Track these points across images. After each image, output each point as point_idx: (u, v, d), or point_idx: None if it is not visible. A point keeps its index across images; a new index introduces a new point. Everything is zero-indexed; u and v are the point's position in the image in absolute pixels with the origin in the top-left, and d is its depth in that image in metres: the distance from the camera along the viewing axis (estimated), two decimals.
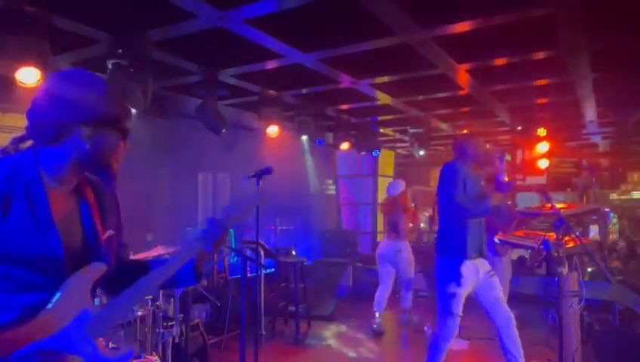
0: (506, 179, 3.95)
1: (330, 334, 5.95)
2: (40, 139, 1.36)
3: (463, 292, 3.65)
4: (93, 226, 1.44)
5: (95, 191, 1.49)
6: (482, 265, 3.74)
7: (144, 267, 1.54)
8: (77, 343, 1.28)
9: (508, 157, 4.59)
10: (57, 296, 1.30)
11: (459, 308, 3.64)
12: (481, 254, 3.76)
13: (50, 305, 1.29)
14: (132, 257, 3.73)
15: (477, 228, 3.74)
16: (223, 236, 1.50)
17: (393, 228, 6.10)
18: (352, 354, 5.23)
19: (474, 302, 3.79)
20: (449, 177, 3.70)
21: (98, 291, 1.53)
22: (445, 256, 3.73)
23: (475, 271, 3.66)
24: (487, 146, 3.89)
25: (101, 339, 1.35)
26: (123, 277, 1.47)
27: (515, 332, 3.63)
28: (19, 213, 1.27)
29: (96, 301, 1.45)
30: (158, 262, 1.57)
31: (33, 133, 1.36)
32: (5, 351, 1.21)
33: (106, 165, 1.40)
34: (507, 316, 3.65)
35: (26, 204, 1.28)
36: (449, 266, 3.66)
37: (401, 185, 6.35)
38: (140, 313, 3.44)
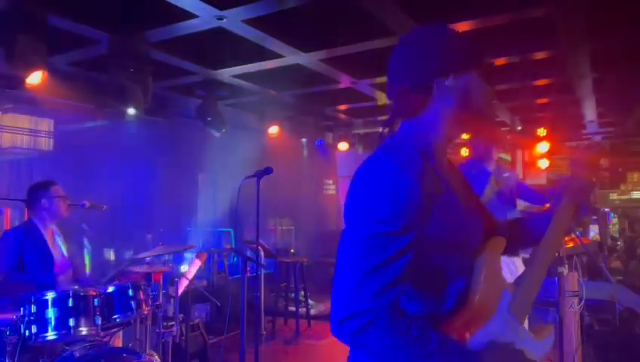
0: None
1: (330, 334, 5.94)
2: (405, 113, 1.20)
3: None
4: (477, 197, 1.33)
5: None
6: None
7: (518, 228, 1.41)
8: (511, 328, 1.12)
9: (507, 157, 4.56)
10: (479, 277, 1.16)
11: None
12: None
13: (476, 290, 1.15)
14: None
15: None
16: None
17: None
18: None
19: None
20: None
21: None
22: None
23: None
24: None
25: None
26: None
27: None
28: (444, 204, 1.12)
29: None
30: (530, 219, 1.41)
31: (396, 110, 1.22)
32: (459, 336, 1.10)
33: (484, 116, 1.22)
34: None
35: (444, 194, 1.13)
36: None
37: None
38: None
